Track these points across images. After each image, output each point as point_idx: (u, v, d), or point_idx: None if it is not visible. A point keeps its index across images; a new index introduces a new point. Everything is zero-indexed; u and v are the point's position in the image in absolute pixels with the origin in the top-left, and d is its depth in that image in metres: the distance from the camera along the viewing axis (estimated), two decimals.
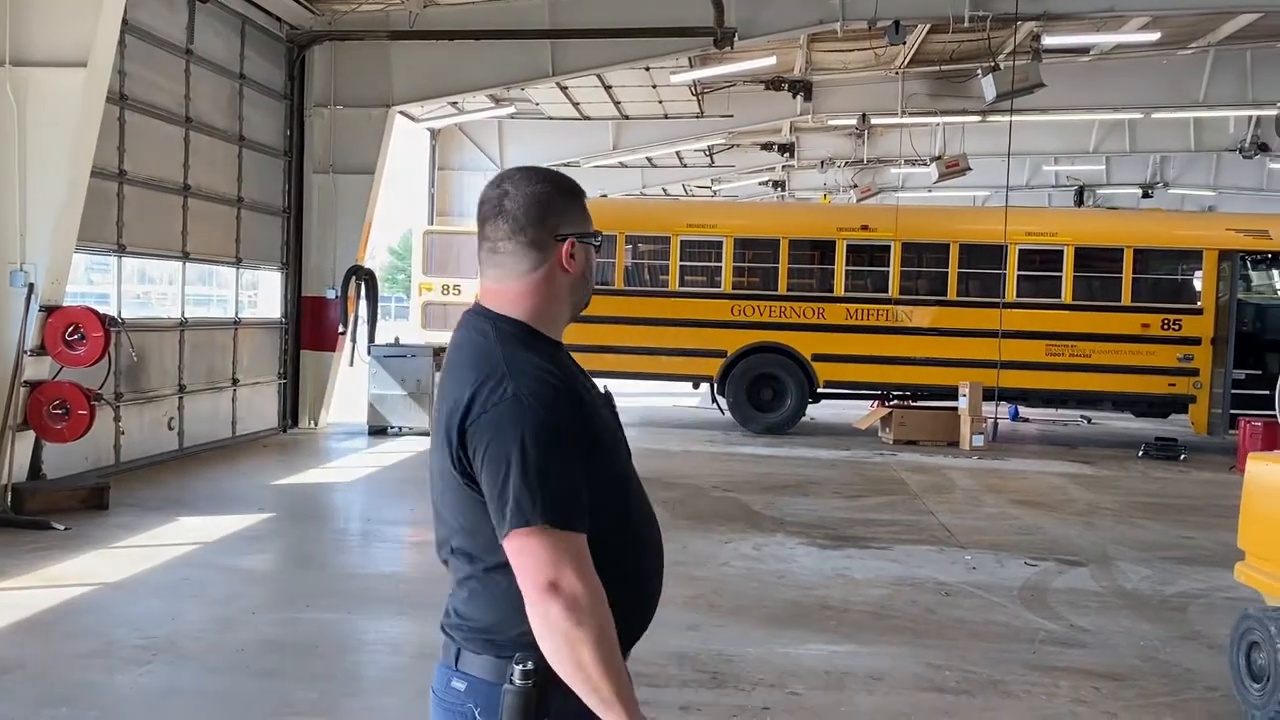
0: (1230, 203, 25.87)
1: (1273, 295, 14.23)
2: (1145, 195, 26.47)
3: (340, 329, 13.09)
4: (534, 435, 1.71)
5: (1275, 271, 14.35)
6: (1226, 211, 23.11)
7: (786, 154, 22.45)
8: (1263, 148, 20.84)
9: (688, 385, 14.73)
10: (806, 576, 6.78)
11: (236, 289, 12.16)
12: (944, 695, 4.73)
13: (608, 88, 16.79)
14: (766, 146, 22.34)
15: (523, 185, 1.89)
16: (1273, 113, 17.08)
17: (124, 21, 9.56)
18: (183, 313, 10.91)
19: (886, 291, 14.11)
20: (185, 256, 10.87)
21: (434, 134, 18.72)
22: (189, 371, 10.94)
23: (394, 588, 6.26)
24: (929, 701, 4.66)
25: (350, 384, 13.77)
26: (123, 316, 9.64)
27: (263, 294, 13.25)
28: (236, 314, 12.09)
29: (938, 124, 20.06)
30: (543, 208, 1.89)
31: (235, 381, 11.92)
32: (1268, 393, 13.68)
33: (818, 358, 13.95)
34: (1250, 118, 19.83)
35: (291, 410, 13.11)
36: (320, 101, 13.18)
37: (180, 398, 10.80)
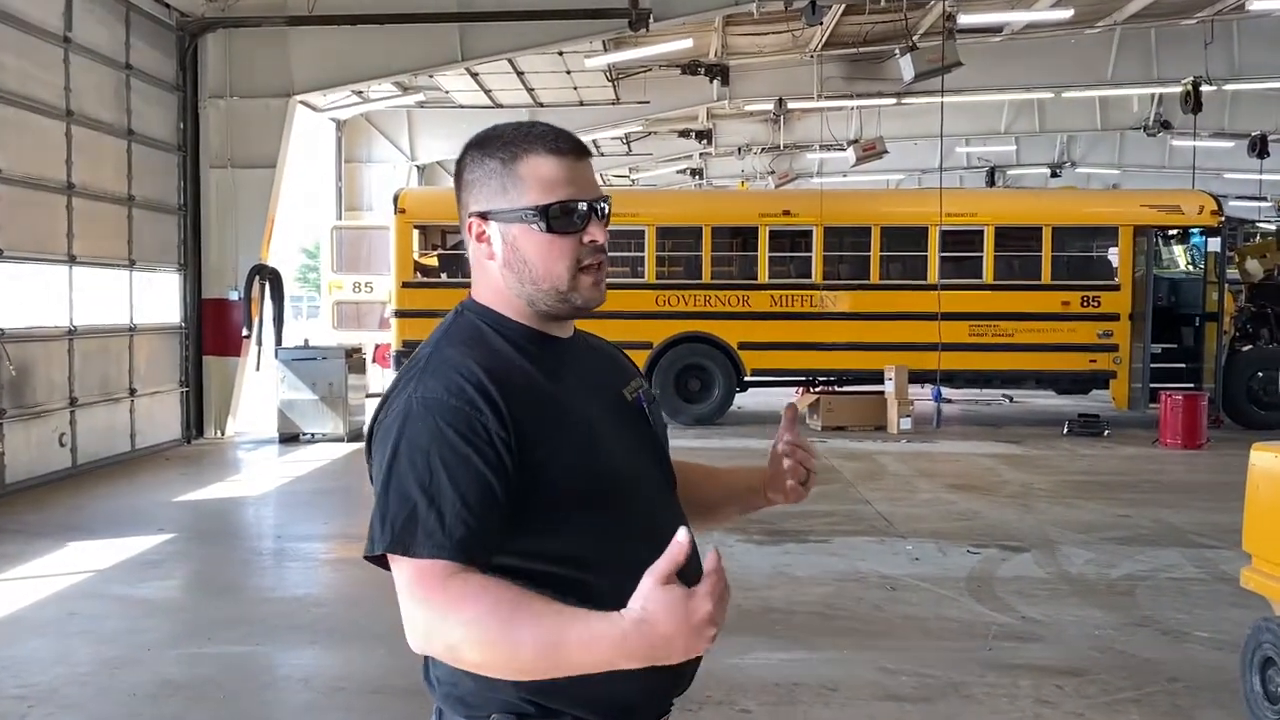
0: (1133, 180, 26.52)
1: (1186, 270, 14.43)
2: (1053, 175, 26.97)
3: (244, 332, 12.41)
4: (408, 445, 1.41)
5: (1179, 247, 14.56)
6: (1131, 188, 23.59)
7: (704, 141, 22.24)
8: (1165, 125, 21.28)
9: None
10: (747, 576, 6.48)
11: (131, 293, 11.41)
12: (902, 704, 4.46)
13: (520, 74, 16.32)
14: (684, 133, 22.11)
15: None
16: (1176, 90, 17.35)
17: None
18: (71, 320, 10.15)
19: (810, 277, 13.94)
20: (71, 260, 10.12)
21: (339, 125, 17.99)
22: (80, 383, 10.21)
23: (307, 613, 5.78)
24: (887, 712, 4.39)
25: (258, 390, 13.10)
26: (0, 327, 8.93)
27: (160, 297, 12.48)
28: (132, 319, 11.35)
29: (854, 108, 20.04)
30: (457, 179, 1.60)
31: (133, 391, 11.19)
32: (1185, 366, 13.92)
33: (744, 346, 13.72)
34: (1154, 95, 20.22)
35: (195, 420, 12.39)
36: (215, 92, 12.45)
37: (72, 411, 10.07)
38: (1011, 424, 14.35)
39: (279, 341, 12.64)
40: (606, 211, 1.58)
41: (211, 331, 12.51)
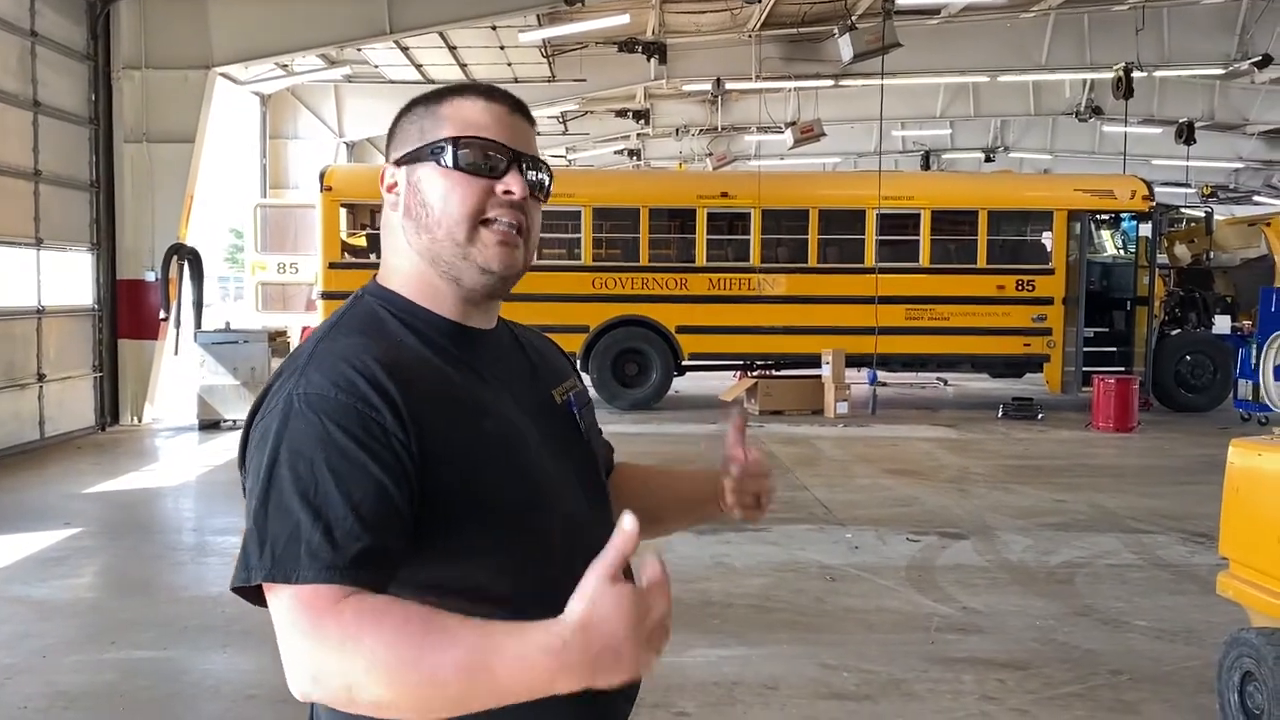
0: (1065, 165, 26.86)
1: (1118, 254, 14.57)
2: (987, 159, 27.21)
3: (162, 314, 11.90)
4: (289, 451, 1.17)
5: (1108, 232, 14.69)
6: (1065, 173, 23.87)
7: (642, 121, 21.99)
8: (1096, 110, 21.56)
9: None
10: (685, 567, 6.30)
11: (38, 273, 10.84)
12: (845, 702, 4.31)
13: (452, 48, 15.88)
14: (621, 113, 21.82)
15: None
16: (1108, 75, 17.53)
17: None
18: None
19: (748, 260, 13.80)
20: None
21: (264, 100, 17.37)
22: None
23: (219, 613, 5.45)
24: (829, 711, 4.23)
25: (177, 374, 12.59)
26: None
27: (71, 278, 11.89)
28: (40, 301, 10.79)
29: (791, 89, 19.92)
30: (387, 141, 1.41)
31: (41, 377, 10.65)
32: (1116, 350, 14.07)
33: (682, 330, 13.56)
34: (1085, 81, 20.43)
35: (110, 406, 11.86)
36: (130, 63, 11.87)
37: None
38: (946, 408, 14.40)
39: (198, 324, 12.15)
40: (544, 182, 1.38)
41: (127, 314, 11.97)
